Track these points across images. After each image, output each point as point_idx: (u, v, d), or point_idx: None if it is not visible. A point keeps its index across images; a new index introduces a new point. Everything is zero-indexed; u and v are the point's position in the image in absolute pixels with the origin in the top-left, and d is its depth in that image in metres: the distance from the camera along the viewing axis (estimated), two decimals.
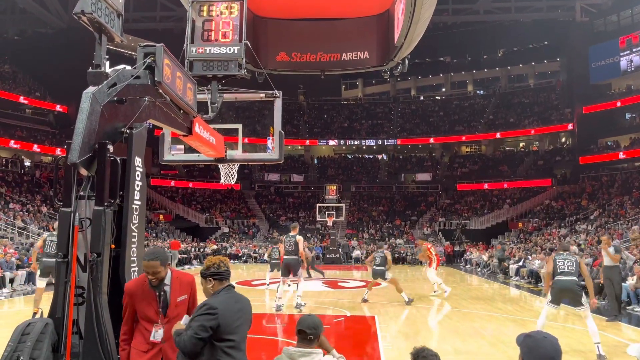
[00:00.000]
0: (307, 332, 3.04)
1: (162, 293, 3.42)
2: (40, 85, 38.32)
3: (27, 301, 12.59)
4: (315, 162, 48.67)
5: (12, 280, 14.89)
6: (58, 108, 37.17)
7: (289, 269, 10.83)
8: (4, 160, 34.44)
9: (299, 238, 10.74)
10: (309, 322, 3.10)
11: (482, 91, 52.05)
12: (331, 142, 47.58)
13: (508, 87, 50.45)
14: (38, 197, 30.07)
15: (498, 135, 43.83)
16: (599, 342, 6.85)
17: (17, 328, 3.22)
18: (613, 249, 11.08)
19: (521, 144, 46.66)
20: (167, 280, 3.46)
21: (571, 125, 40.39)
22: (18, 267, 15.58)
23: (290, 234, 11.00)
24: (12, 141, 33.51)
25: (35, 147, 34.58)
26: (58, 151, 33.37)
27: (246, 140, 38.08)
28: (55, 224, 10.57)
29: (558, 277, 7.15)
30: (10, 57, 38.34)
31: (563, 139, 44.36)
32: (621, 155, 34.76)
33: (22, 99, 35.72)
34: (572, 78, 41.34)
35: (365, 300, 12.33)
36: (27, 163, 36.41)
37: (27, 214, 25.80)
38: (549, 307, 7.27)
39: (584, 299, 7.02)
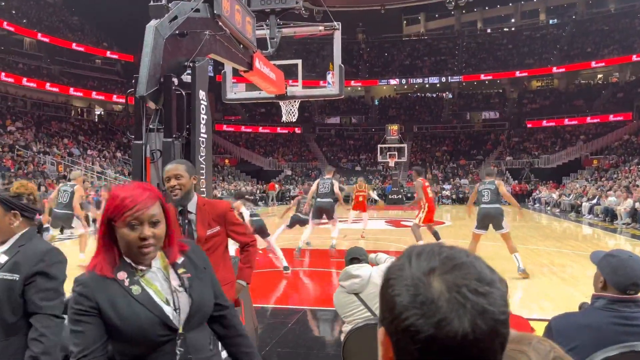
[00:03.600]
0: (360, 257, 3.38)
1: (186, 222, 2.91)
2: (107, 36, 39.55)
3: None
4: (376, 102, 47.81)
5: (95, 220, 16.06)
6: (128, 58, 38.38)
7: (321, 212, 10.20)
8: (79, 109, 36.42)
9: (335, 181, 10.28)
10: (357, 250, 3.49)
11: (555, 20, 48.21)
12: (392, 82, 46.38)
13: (585, 13, 46.39)
14: (112, 143, 31.77)
15: (580, 65, 40.54)
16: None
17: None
18: None
19: (599, 76, 43.35)
20: (191, 207, 2.91)
21: None
22: (97, 207, 16.72)
23: (325, 177, 10.58)
24: (91, 92, 35.19)
25: (112, 97, 36.19)
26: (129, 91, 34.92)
27: (321, 82, 37.95)
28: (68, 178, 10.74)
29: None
30: (77, 9, 39.57)
31: None
32: None
33: (93, 51, 37.12)
34: None
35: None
36: (99, 112, 38.34)
37: (104, 159, 27.42)
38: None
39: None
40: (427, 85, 47.07)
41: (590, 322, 2.04)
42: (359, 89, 47.76)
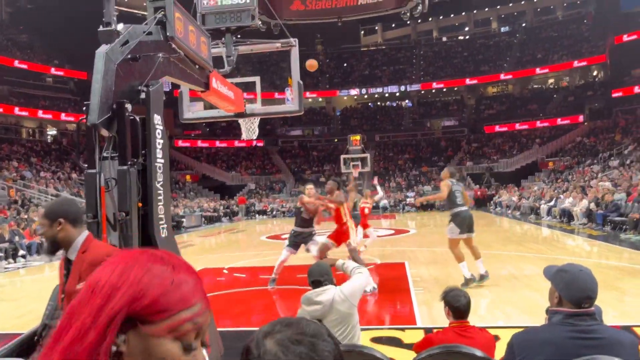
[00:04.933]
0: (321, 279, 3.23)
1: (64, 274, 2.55)
2: (59, 54, 38.48)
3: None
4: (337, 113, 48.19)
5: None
6: (80, 76, 37.41)
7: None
8: (30, 130, 35.19)
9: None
10: (318, 270, 3.29)
11: (507, 27, 49.94)
12: (352, 92, 46.87)
13: (535, 21, 48.27)
14: (67, 164, 30.81)
15: (531, 71, 42.06)
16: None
17: (56, 287, 3.32)
18: None
19: (550, 81, 45.08)
20: (72, 254, 2.48)
21: (603, 56, 38.66)
22: None
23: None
24: (38, 111, 33.99)
25: (62, 116, 35.10)
26: (79, 117, 33.96)
27: (275, 94, 37.77)
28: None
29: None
30: (25, 27, 38.40)
31: (594, 73, 42.62)
32: None
33: (45, 69, 36.01)
34: (603, 7, 39.29)
35: None
36: (52, 132, 37.13)
37: (58, 181, 26.53)
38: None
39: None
40: (386, 95, 47.81)
41: (550, 338, 2.08)
42: (320, 100, 48.06)
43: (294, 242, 8.03)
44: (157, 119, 3.89)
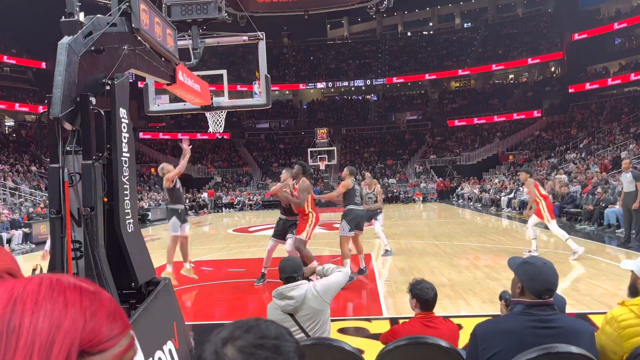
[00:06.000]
0: (295, 275, 3.21)
1: None
2: (16, 42, 36.98)
3: (25, 259, 12.72)
4: (304, 106, 48.16)
5: (9, 241, 14.97)
6: (39, 65, 36.06)
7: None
8: None
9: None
10: (291, 266, 3.26)
11: (469, 24, 50.88)
12: (319, 85, 46.90)
13: (496, 17, 49.35)
14: (26, 156, 29.75)
15: (492, 67, 43.06)
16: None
17: None
18: (630, 175, 10.53)
19: (511, 76, 46.27)
20: None
21: (560, 53, 39.93)
22: (13, 227, 15.62)
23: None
24: None
25: (17, 106, 33.79)
26: (40, 108, 32.75)
27: (238, 87, 37.25)
28: None
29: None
30: None
31: (552, 69, 43.99)
32: (610, 82, 34.68)
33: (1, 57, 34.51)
34: (561, 5, 40.48)
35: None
36: (10, 123, 35.75)
37: (16, 174, 25.60)
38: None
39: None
40: (353, 88, 48.03)
41: (511, 327, 2.18)
42: (287, 92, 47.88)
43: (277, 232, 7.70)
44: (122, 112, 3.82)
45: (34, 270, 3.31)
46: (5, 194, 22.08)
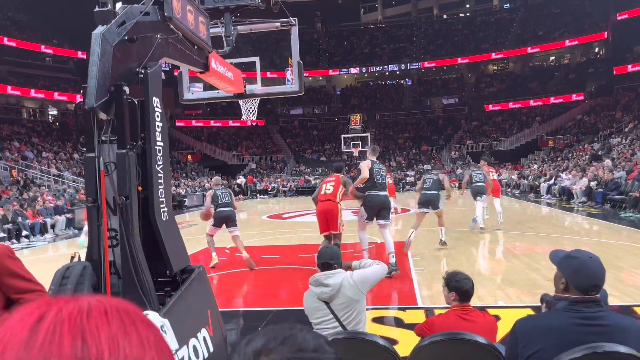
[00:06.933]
0: (331, 262, 3.21)
1: None
2: (57, 33, 37.98)
3: (68, 245, 13.16)
4: (338, 92, 47.85)
5: (53, 226, 15.52)
6: (79, 55, 36.95)
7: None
8: (31, 110, 34.99)
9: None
10: (329, 253, 3.28)
11: (508, 4, 49.17)
12: (352, 70, 46.45)
13: None
14: (69, 144, 30.70)
15: (529, 49, 41.59)
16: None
17: (57, 272, 3.31)
18: None
19: (551, 58, 44.61)
20: None
21: (604, 34, 38.19)
22: (56, 213, 16.17)
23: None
24: (24, 89, 33.32)
25: (56, 95, 34.77)
26: (78, 97, 33.65)
27: (268, 74, 37.52)
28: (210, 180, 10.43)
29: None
30: (24, 6, 37.82)
31: (596, 50, 42.16)
32: None
33: (43, 48, 35.52)
34: None
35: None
36: (53, 112, 36.91)
37: (60, 161, 26.48)
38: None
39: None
40: (387, 73, 47.37)
41: (553, 324, 2.07)
42: (320, 78, 47.66)
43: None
44: (155, 101, 3.84)
45: (72, 257, 3.37)
46: (50, 181, 22.88)
